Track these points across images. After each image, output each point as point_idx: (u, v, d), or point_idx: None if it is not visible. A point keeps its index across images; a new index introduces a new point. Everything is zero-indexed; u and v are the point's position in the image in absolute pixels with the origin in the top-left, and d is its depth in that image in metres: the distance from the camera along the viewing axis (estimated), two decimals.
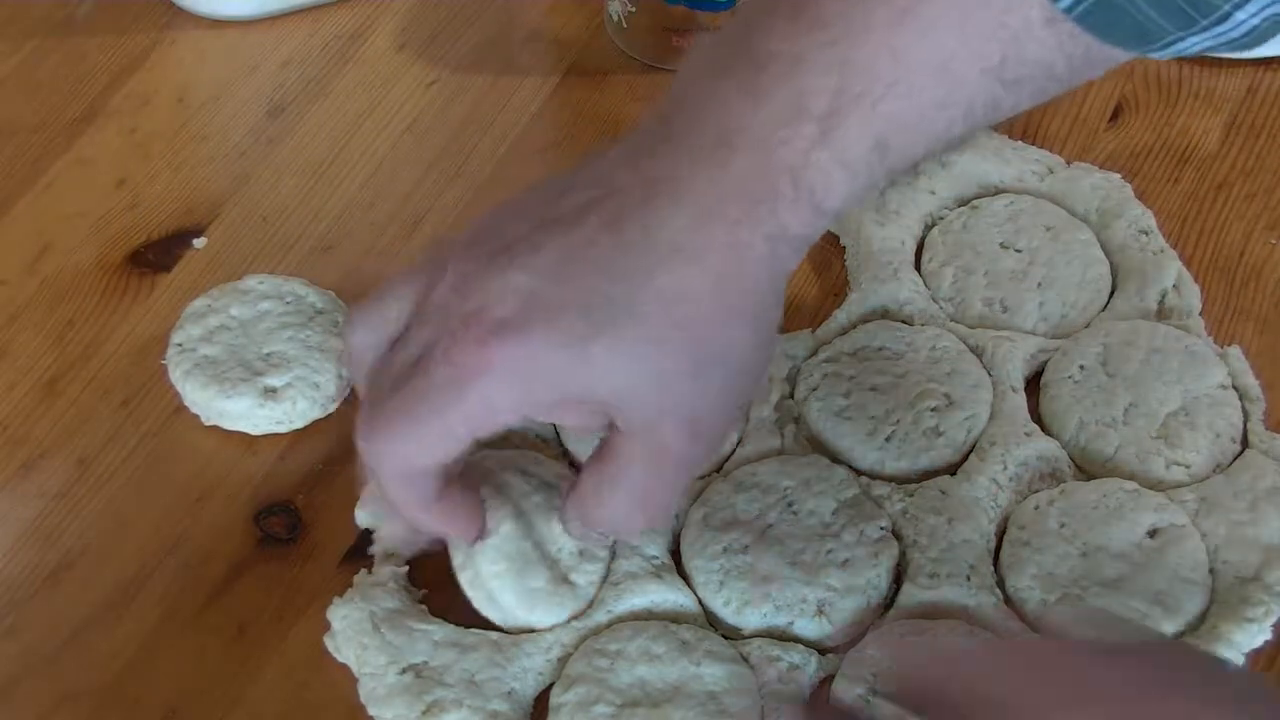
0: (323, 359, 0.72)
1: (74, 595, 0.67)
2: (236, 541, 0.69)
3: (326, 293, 0.75)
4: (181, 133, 0.84)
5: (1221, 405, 0.70)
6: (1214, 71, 0.85)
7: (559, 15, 0.89)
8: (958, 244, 0.76)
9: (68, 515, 0.70)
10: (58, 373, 0.74)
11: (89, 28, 0.89)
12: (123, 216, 0.80)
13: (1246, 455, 0.69)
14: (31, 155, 0.83)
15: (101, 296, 0.77)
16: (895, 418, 0.70)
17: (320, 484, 0.70)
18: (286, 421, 0.71)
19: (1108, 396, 0.70)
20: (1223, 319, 0.75)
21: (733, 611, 0.65)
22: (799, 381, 0.72)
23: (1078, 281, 0.75)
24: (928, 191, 0.79)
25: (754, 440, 0.70)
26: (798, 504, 0.67)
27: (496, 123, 0.84)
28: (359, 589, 0.65)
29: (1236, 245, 0.78)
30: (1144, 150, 0.82)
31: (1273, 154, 0.82)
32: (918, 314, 0.74)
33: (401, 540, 0.65)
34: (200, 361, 0.72)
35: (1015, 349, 0.72)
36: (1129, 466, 0.69)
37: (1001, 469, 0.69)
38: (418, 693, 0.62)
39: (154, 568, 0.68)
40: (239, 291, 0.74)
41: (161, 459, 0.71)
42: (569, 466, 0.70)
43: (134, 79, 0.86)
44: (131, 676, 0.65)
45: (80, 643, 0.66)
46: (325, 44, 0.88)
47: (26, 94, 0.86)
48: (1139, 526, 0.66)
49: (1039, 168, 0.80)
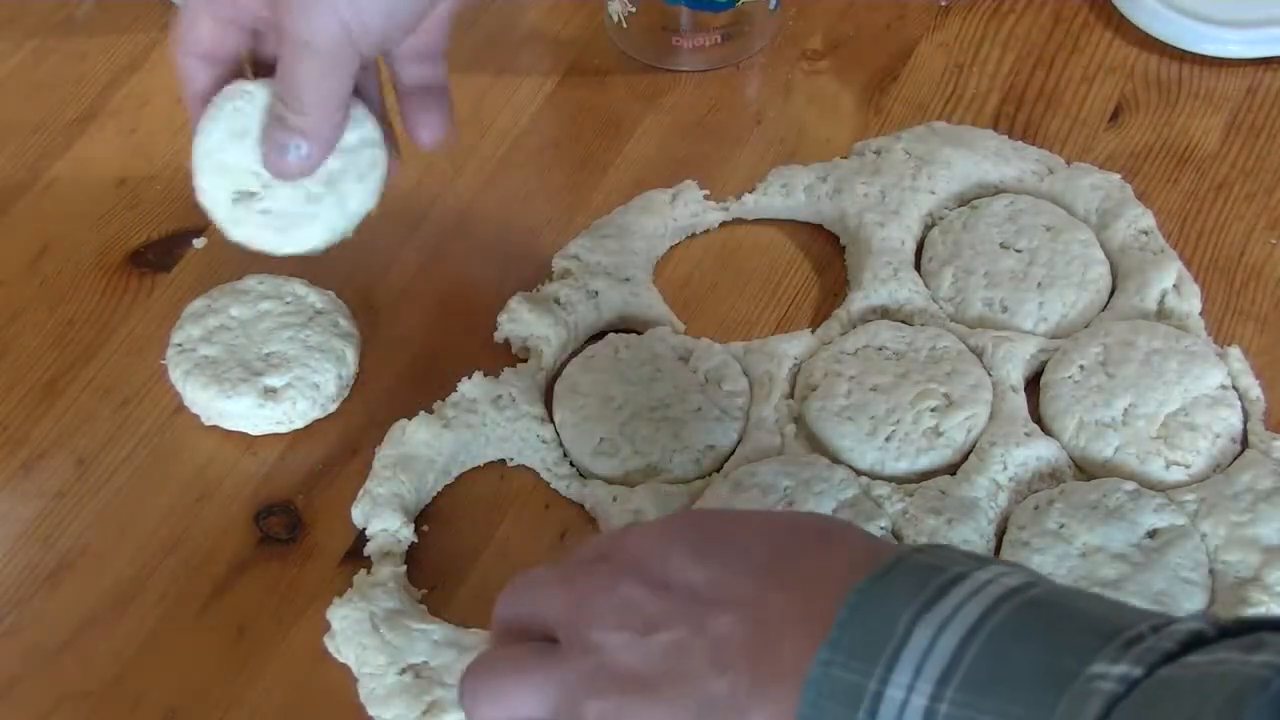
0: (323, 359, 0.72)
1: (74, 595, 0.67)
2: (236, 541, 0.69)
3: (326, 293, 0.75)
4: (182, 133, 0.83)
5: (1221, 405, 0.70)
6: (1214, 71, 0.85)
7: (559, 15, 0.89)
8: (958, 244, 0.76)
9: (68, 515, 0.70)
10: (58, 373, 0.74)
11: (89, 28, 0.89)
12: (123, 216, 0.80)
13: (1246, 456, 0.69)
14: (31, 155, 0.83)
15: (101, 296, 0.77)
16: (895, 418, 0.70)
17: (320, 484, 0.70)
18: (286, 422, 0.71)
19: (1108, 397, 0.70)
20: (1223, 319, 0.75)
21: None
22: (799, 381, 0.72)
23: (1078, 281, 0.75)
24: (928, 191, 0.79)
25: (754, 440, 0.70)
26: (798, 504, 0.67)
27: (496, 123, 0.84)
28: (358, 589, 0.65)
29: (1236, 245, 0.78)
30: (1144, 150, 0.82)
31: (1273, 154, 0.82)
32: (918, 314, 0.74)
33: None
34: (200, 361, 0.72)
35: (1015, 349, 0.72)
36: (1129, 467, 0.69)
37: (1001, 469, 0.69)
38: (417, 693, 0.62)
39: (154, 568, 0.68)
40: (239, 291, 0.74)
41: (161, 459, 0.71)
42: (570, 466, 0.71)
43: (134, 79, 0.86)
44: (131, 676, 0.65)
45: (80, 643, 0.66)
46: None
47: (26, 94, 0.86)
48: (1139, 526, 0.66)
49: (1039, 168, 0.80)
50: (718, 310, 0.77)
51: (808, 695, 0.49)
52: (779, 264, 0.79)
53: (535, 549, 0.69)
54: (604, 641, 0.55)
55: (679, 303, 0.76)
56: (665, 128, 0.84)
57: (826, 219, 0.79)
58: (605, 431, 0.70)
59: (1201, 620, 0.47)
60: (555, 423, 0.71)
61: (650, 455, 0.69)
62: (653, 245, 0.78)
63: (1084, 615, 0.49)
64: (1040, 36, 0.87)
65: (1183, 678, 0.45)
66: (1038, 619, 0.49)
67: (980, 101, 0.84)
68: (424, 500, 0.70)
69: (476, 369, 0.72)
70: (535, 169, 0.82)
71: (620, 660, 0.54)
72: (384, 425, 0.70)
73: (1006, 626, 0.49)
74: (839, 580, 0.51)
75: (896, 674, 0.48)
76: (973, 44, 0.87)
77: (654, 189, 0.79)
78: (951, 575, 0.50)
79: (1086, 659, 0.47)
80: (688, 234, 0.80)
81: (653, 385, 0.71)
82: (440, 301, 0.77)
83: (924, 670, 0.48)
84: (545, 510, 0.70)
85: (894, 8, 0.89)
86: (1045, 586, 0.51)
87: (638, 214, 0.78)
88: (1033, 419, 0.71)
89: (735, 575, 0.54)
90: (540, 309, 0.74)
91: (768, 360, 0.73)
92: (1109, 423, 0.70)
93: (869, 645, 0.49)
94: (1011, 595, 0.49)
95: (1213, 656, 0.45)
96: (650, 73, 0.86)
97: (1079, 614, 0.49)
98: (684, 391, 0.71)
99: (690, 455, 0.70)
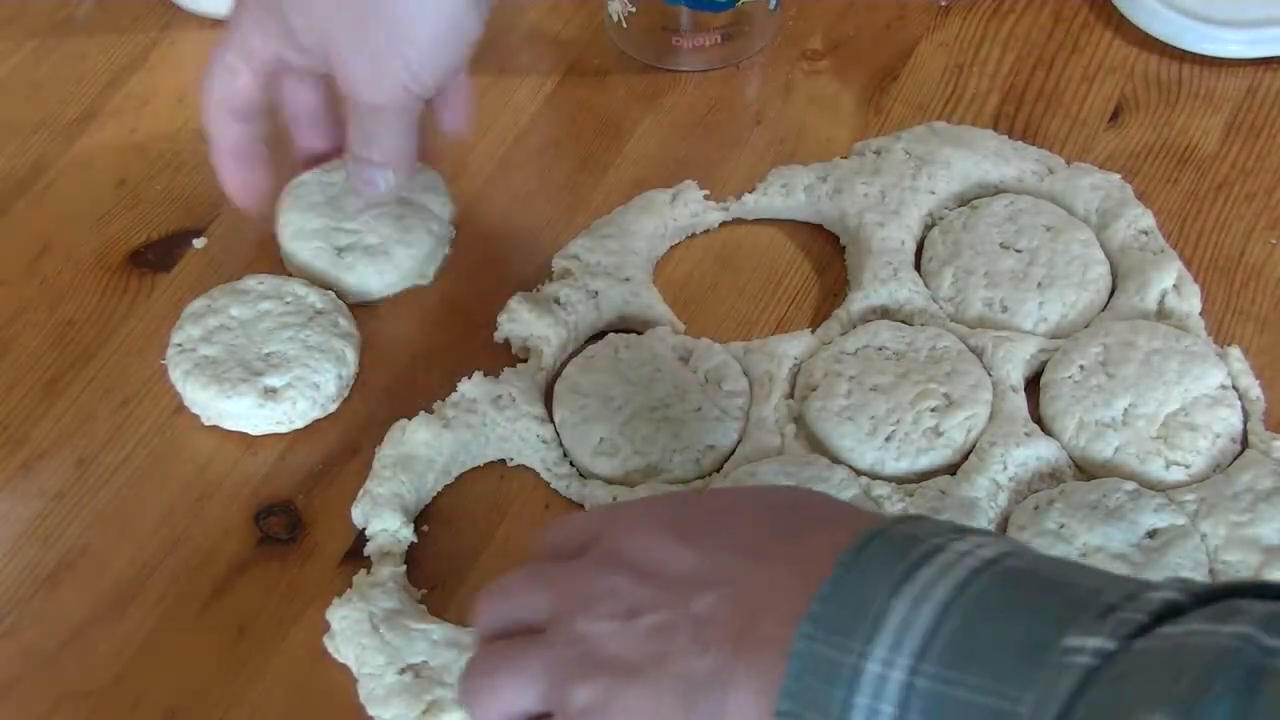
0: (322, 359, 0.72)
1: (74, 595, 0.67)
2: (236, 541, 0.69)
3: (326, 293, 0.75)
4: (181, 133, 0.84)
5: (1221, 405, 0.70)
6: (1214, 71, 0.85)
7: (559, 15, 0.89)
8: (958, 244, 0.76)
9: (68, 515, 0.70)
10: (58, 373, 0.74)
11: (89, 28, 0.89)
12: (123, 216, 0.80)
13: (1246, 456, 0.69)
14: (31, 155, 0.83)
15: (101, 296, 0.77)
16: (895, 418, 0.70)
17: (320, 484, 0.70)
18: (286, 421, 0.71)
19: (1108, 397, 0.70)
20: (1223, 319, 0.75)
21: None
22: (799, 381, 0.72)
23: (1078, 281, 0.75)
24: (928, 191, 0.79)
25: (754, 440, 0.70)
26: None
27: (496, 123, 0.84)
28: (358, 589, 0.65)
29: (1236, 245, 0.78)
30: (1144, 150, 0.82)
31: (1273, 154, 0.81)
32: (917, 314, 0.74)
33: None
34: (200, 361, 0.72)
35: (1015, 349, 0.72)
36: (1129, 467, 0.69)
37: (1001, 469, 0.69)
38: (417, 693, 0.62)
39: (154, 568, 0.68)
40: (239, 291, 0.74)
41: (161, 459, 0.71)
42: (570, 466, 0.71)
43: (134, 79, 0.86)
44: (131, 676, 0.65)
45: (80, 643, 0.66)
46: None
47: (26, 94, 0.86)
48: (1139, 526, 0.66)
49: (1039, 168, 0.80)
50: (718, 310, 0.77)
51: (791, 669, 0.50)
52: (779, 264, 0.79)
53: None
54: (589, 630, 0.55)
55: (679, 303, 0.76)
56: (665, 128, 0.84)
57: (826, 219, 0.79)
58: (605, 431, 0.70)
59: (1175, 588, 0.47)
60: (555, 423, 0.71)
61: (650, 455, 0.69)
62: (653, 245, 0.78)
63: (1060, 585, 0.49)
64: (1040, 36, 0.87)
65: (1157, 650, 0.45)
66: (1014, 590, 0.49)
67: (980, 101, 0.84)
68: (424, 500, 0.70)
69: (476, 369, 0.72)
70: (535, 169, 0.82)
71: (606, 646, 0.54)
72: (384, 425, 0.70)
73: (983, 599, 0.49)
74: (832, 555, 0.51)
75: (875, 648, 0.49)
76: (973, 44, 0.87)
77: (654, 189, 0.79)
78: (929, 547, 0.51)
79: (1062, 631, 0.47)
80: (688, 234, 0.80)
81: (653, 385, 0.71)
82: (440, 301, 0.77)
83: (902, 644, 0.48)
84: (545, 510, 0.70)
85: (894, 8, 0.89)
86: (1022, 557, 0.51)
87: (638, 214, 0.78)
88: (1033, 419, 0.71)
89: (720, 556, 0.55)
90: (540, 309, 0.74)
91: (768, 360, 0.73)
92: (1109, 423, 0.70)
93: (849, 619, 0.50)
94: (988, 566, 0.50)
95: (1186, 628, 0.46)
96: (650, 73, 0.86)
97: (1055, 584, 0.49)
98: (684, 391, 0.71)
99: (690, 455, 0.70)
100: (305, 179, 0.78)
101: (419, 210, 0.77)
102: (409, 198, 0.77)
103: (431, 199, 0.78)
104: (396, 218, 0.77)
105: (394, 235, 0.76)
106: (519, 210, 0.80)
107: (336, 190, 0.77)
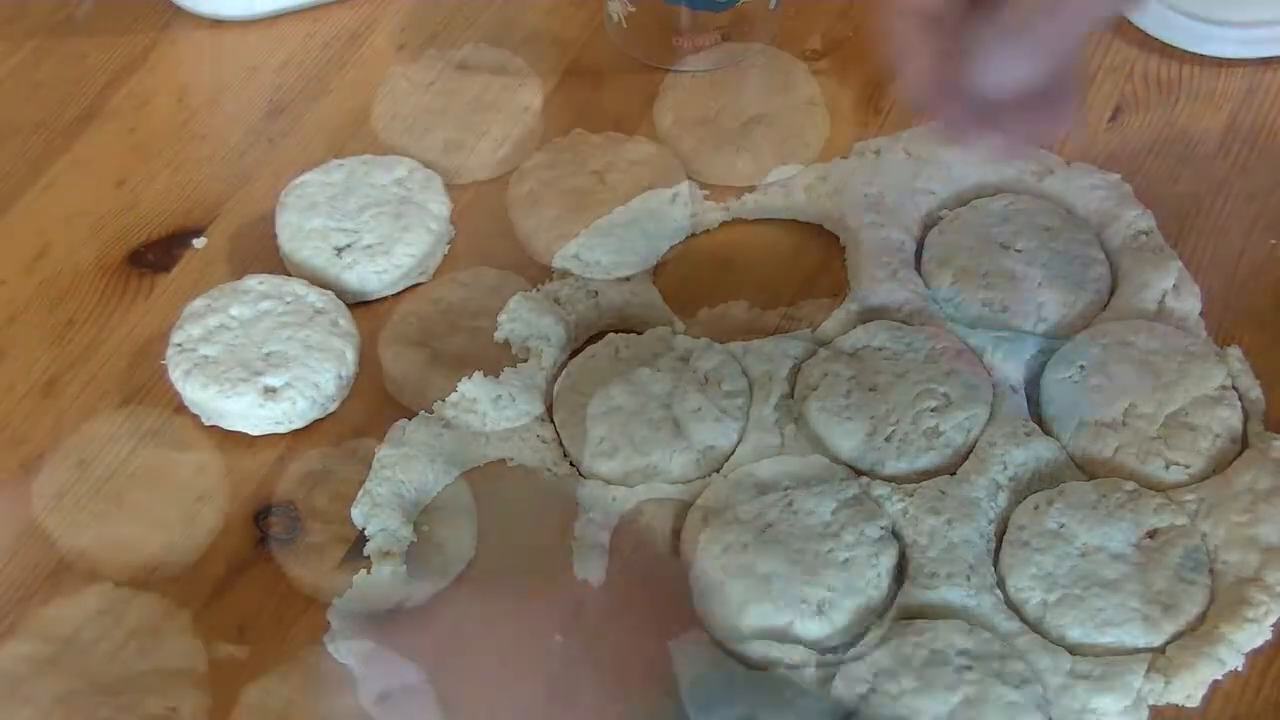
0: (322, 359, 0.72)
1: (74, 595, 0.67)
2: (236, 541, 0.69)
3: (326, 293, 0.75)
4: (181, 133, 0.84)
5: (1221, 405, 0.70)
6: (1214, 71, 0.85)
7: (559, 15, 0.89)
8: (957, 244, 0.76)
9: (68, 515, 0.70)
10: (58, 373, 0.74)
11: (89, 28, 0.89)
12: (123, 216, 0.80)
13: (1246, 456, 0.69)
14: (31, 155, 0.83)
15: (101, 296, 0.77)
16: (895, 418, 0.70)
17: (320, 484, 0.70)
18: (286, 421, 0.71)
19: (1108, 396, 0.70)
20: (1223, 319, 0.75)
21: (732, 611, 0.65)
22: (799, 381, 0.72)
23: (1078, 281, 0.75)
24: (927, 192, 0.79)
25: (754, 440, 0.70)
26: (798, 504, 0.67)
27: (496, 122, 0.84)
28: (359, 589, 0.65)
29: (1236, 245, 0.78)
30: (1144, 150, 0.82)
31: (1273, 154, 0.82)
32: (917, 314, 0.74)
33: None
34: (200, 361, 0.72)
35: (1015, 349, 0.72)
36: (1129, 467, 0.69)
37: (1001, 469, 0.69)
38: None
39: (154, 568, 0.68)
40: (239, 291, 0.74)
41: (161, 459, 0.71)
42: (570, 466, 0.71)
43: (134, 79, 0.86)
44: (131, 676, 0.65)
45: (80, 643, 0.66)
46: (325, 44, 0.88)
47: (26, 94, 0.86)
48: (1139, 527, 0.66)
49: (1038, 168, 0.80)
50: (718, 310, 0.77)
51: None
52: (779, 264, 0.79)
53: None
54: None
55: (679, 303, 0.76)
56: (665, 128, 0.83)
57: (826, 219, 0.79)
58: (605, 431, 0.70)
59: None
60: (555, 423, 0.72)
61: (650, 455, 0.69)
62: (653, 245, 0.78)
63: None
64: None
65: None
66: None
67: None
68: (424, 500, 0.70)
69: (476, 369, 0.72)
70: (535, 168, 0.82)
71: None
72: (384, 425, 0.71)
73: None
74: None
75: None
76: None
77: (654, 189, 0.79)
78: None
79: None
80: (688, 234, 0.80)
81: (653, 385, 0.71)
82: (440, 301, 0.77)
83: None
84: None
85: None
86: None
87: (637, 214, 0.78)
88: (1033, 419, 0.71)
89: None
90: (540, 309, 0.74)
91: (768, 360, 0.73)
92: (1109, 423, 0.70)
93: None
94: None
95: None
96: (650, 72, 0.86)
97: None
98: (684, 391, 0.71)
99: (690, 455, 0.70)
100: (305, 179, 0.78)
101: (418, 209, 0.77)
102: (409, 196, 0.77)
103: (430, 198, 0.78)
104: (395, 216, 0.77)
105: (393, 234, 0.76)
106: (519, 210, 0.80)
107: (337, 190, 0.77)
